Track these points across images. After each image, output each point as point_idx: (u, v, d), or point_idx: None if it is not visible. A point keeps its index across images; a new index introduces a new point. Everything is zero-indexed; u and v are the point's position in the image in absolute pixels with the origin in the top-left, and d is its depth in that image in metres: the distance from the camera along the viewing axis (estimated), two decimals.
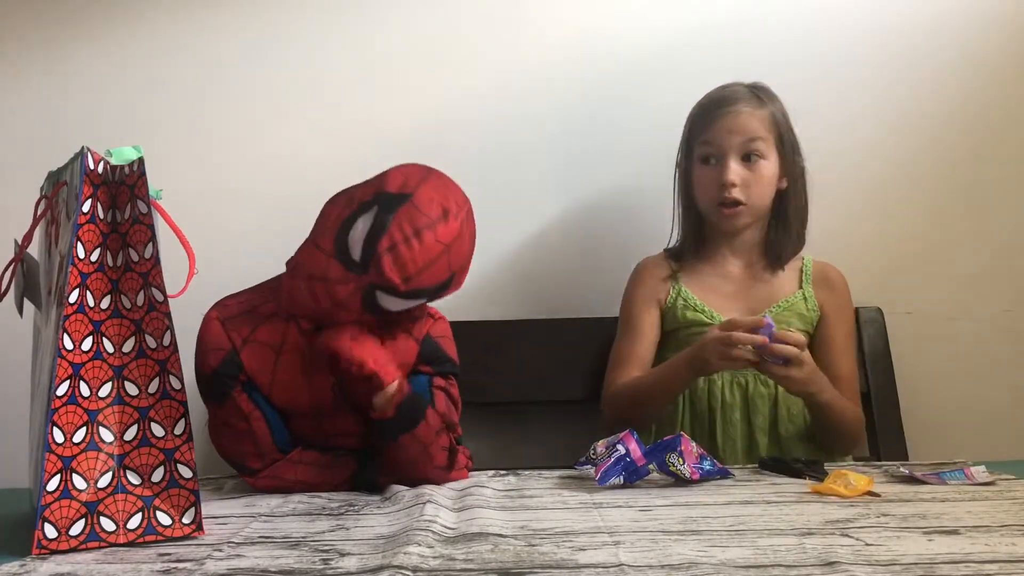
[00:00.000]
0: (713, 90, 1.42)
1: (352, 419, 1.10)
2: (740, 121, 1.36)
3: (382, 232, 0.99)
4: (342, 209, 1.04)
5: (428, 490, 1.00)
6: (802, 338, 1.23)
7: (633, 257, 1.53)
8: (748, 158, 1.36)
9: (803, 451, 1.35)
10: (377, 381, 1.03)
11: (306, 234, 1.56)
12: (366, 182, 1.07)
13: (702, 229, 1.45)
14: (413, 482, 1.06)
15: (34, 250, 1.00)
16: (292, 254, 1.09)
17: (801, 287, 1.43)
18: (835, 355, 1.38)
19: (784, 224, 1.42)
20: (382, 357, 1.04)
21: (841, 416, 1.31)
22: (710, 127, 1.38)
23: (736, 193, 1.36)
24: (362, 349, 1.03)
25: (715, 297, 1.41)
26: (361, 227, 1.01)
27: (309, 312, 1.05)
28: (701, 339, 1.25)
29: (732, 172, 1.35)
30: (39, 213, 0.95)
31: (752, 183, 1.36)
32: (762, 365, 1.20)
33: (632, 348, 1.41)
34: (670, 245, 1.50)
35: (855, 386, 1.40)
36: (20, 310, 1.01)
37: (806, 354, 1.21)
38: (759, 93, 1.40)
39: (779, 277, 1.44)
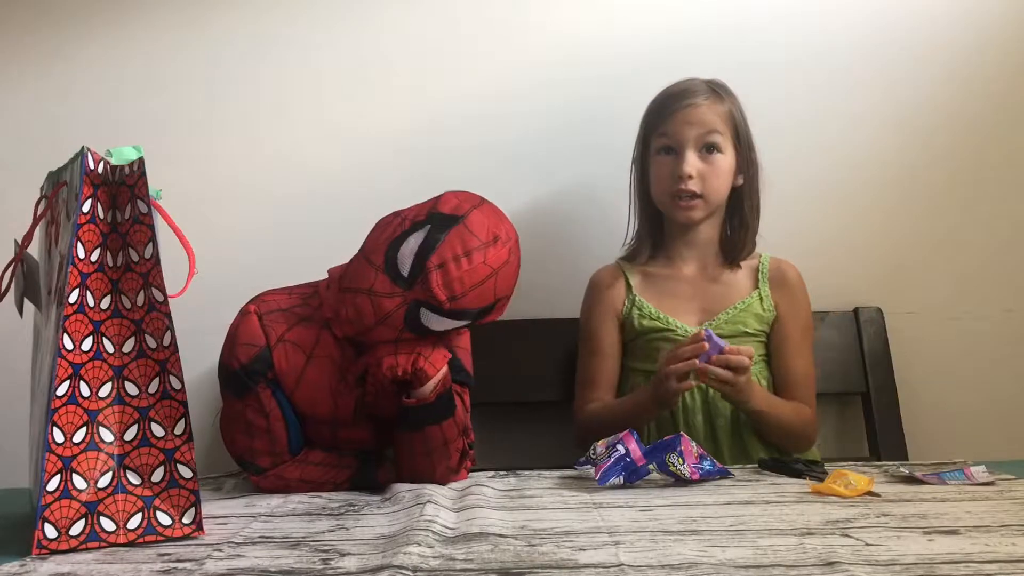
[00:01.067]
0: (670, 85, 1.41)
1: (367, 428, 1.11)
2: (698, 113, 1.36)
3: (433, 249, 1.01)
4: (395, 228, 1.06)
5: (428, 490, 1.00)
6: (751, 350, 1.23)
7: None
8: (706, 150, 1.36)
9: (765, 452, 1.34)
10: (423, 375, 1.05)
11: (306, 234, 1.58)
12: (419, 204, 1.08)
13: (658, 227, 1.44)
14: (415, 481, 1.06)
15: (35, 250, 1.00)
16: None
17: (757, 287, 1.41)
18: (790, 355, 1.38)
19: (740, 221, 1.42)
20: (427, 349, 1.06)
21: (778, 421, 1.31)
22: (667, 119, 1.37)
23: (692, 185, 1.35)
24: (408, 348, 1.05)
25: (670, 301, 1.40)
26: (412, 243, 1.03)
27: (351, 327, 1.06)
28: (655, 374, 1.26)
29: (689, 164, 1.34)
30: (39, 213, 0.95)
31: (709, 175, 1.36)
32: (707, 374, 1.21)
33: (597, 368, 1.41)
34: (624, 247, 1.48)
35: (811, 386, 1.38)
36: (20, 310, 1.01)
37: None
38: (716, 89, 1.39)
39: (734, 277, 1.42)
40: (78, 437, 0.81)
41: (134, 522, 0.81)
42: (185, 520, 0.83)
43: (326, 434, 1.11)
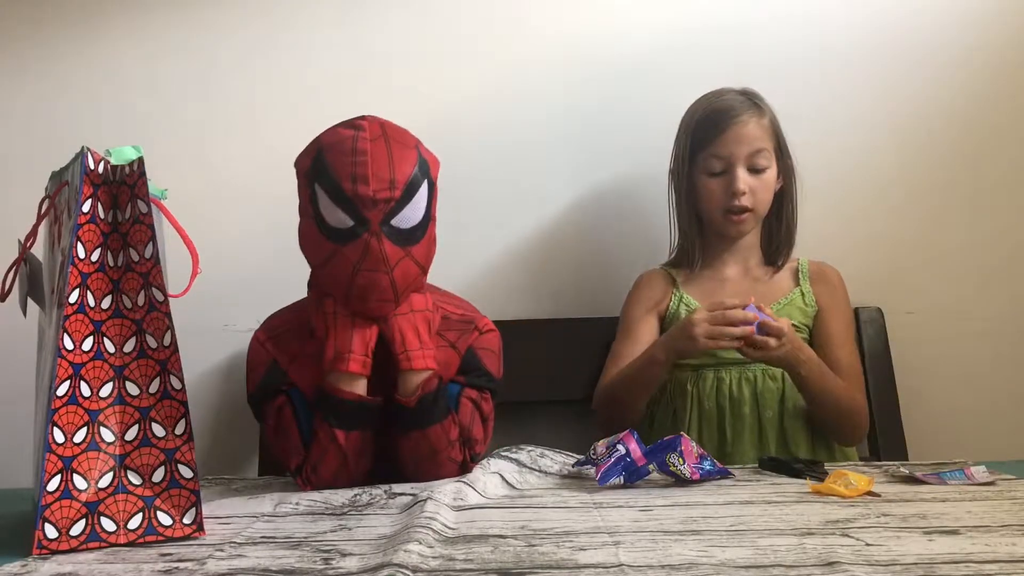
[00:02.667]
0: (709, 98, 1.44)
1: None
2: (747, 131, 1.40)
3: (333, 175, 1.01)
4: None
5: (430, 486, 1.01)
6: (786, 321, 1.28)
7: (635, 257, 1.53)
8: (754, 167, 1.40)
9: (809, 445, 1.37)
10: (405, 360, 1.04)
11: None
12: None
13: (703, 236, 1.49)
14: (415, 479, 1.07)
15: (40, 250, 1.00)
16: (301, 253, 1.12)
17: (798, 284, 1.46)
18: (834, 347, 1.41)
19: (780, 224, 1.47)
20: (423, 341, 1.06)
21: (833, 393, 1.33)
22: (717, 139, 1.40)
23: (745, 201, 1.40)
24: (406, 324, 1.05)
25: (716, 299, 1.43)
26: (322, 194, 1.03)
27: (337, 288, 1.05)
28: (683, 320, 1.30)
29: (742, 181, 1.39)
30: (41, 213, 0.95)
31: (759, 190, 1.41)
32: (744, 346, 1.26)
33: (625, 350, 1.43)
34: (670, 253, 1.53)
35: (857, 376, 1.41)
36: (24, 310, 1.01)
37: (787, 330, 1.26)
38: (756, 101, 1.43)
39: (775, 277, 1.48)
40: (79, 437, 0.81)
41: (135, 522, 0.81)
42: (186, 520, 0.83)
43: None
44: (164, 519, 0.82)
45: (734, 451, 1.36)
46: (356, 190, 1.00)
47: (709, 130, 1.41)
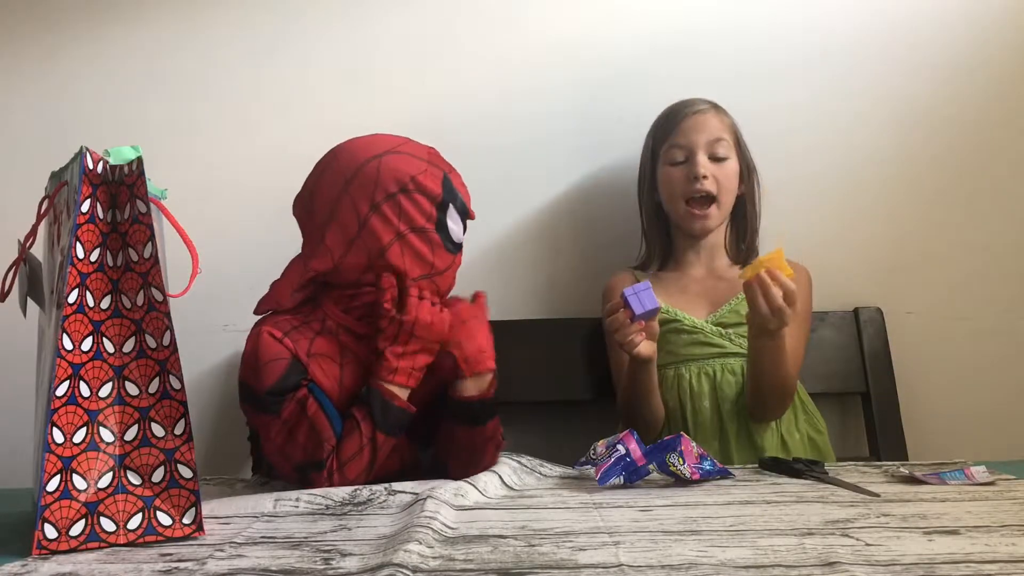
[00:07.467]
0: (671, 104, 1.47)
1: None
2: (706, 120, 1.42)
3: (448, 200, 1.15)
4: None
5: (429, 485, 1.01)
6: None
7: (634, 255, 1.53)
8: (714, 156, 1.41)
9: (771, 437, 1.37)
10: (488, 360, 1.15)
11: None
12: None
13: (667, 237, 1.50)
14: (458, 471, 1.10)
15: (40, 250, 1.00)
16: (287, 252, 1.14)
17: None
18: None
19: (745, 226, 1.48)
20: (488, 345, 1.16)
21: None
22: (677, 128, 1.43)
23: (708, 185, 1.40)
24: (479, 327, 1.16)
25: (681, 299, 1.45)
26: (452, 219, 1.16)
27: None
28: None
29: (702, 165, 1.40)
30: (41, 213, 0.95)
31: (720, 178, 1.41)
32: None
33: (617, 359, 1.44)
34: (637, 257, 1.54)
35: (796, 364, 1.37)
36: (24, 310, 1.01)
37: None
38: (717, 104, 1.45)
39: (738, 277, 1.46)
40: (78, 437, 0.81)
41: (134, 522, 0.81)
42: (185, 520, 0.83)
43: None
44: (164, 519, 0.82)
45: (697, 442, 1.35)
46: (468, 209, 1.19)
47: (669, 121, 1.44)
